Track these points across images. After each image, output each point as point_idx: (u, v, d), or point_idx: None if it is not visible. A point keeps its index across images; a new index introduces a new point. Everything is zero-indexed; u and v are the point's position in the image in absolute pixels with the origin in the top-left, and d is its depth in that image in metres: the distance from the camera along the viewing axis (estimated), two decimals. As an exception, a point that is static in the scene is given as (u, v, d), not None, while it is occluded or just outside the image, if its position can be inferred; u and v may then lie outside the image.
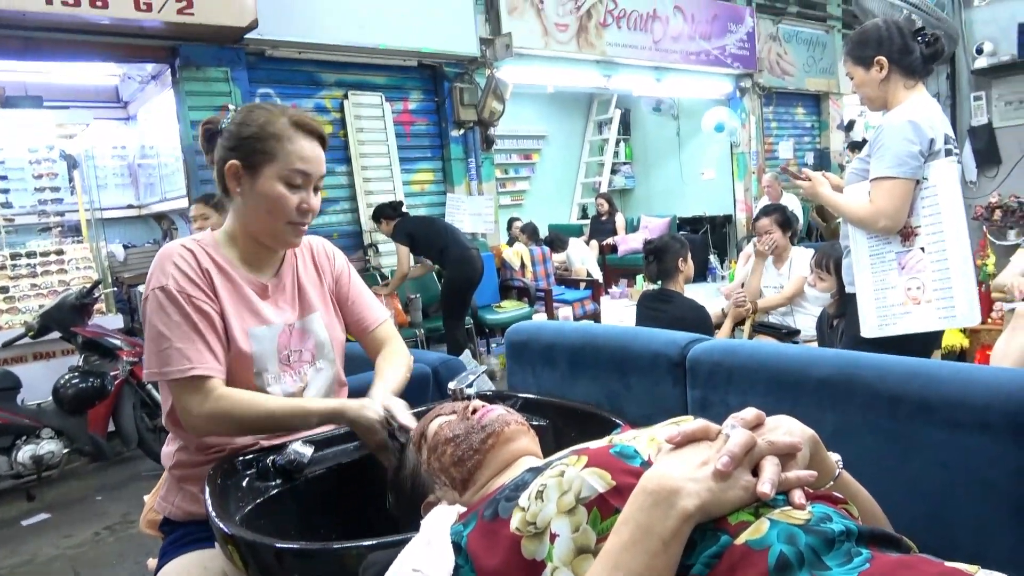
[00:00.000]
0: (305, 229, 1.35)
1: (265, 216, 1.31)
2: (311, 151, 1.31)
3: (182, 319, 1.23)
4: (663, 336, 1.53)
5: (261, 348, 1.33)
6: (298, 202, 1.30)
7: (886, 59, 2.07)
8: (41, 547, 3.10)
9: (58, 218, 4.89)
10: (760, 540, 0.62)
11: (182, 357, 1.21)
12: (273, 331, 1.35)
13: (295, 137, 1.29)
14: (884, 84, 2.10)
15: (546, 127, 9.59)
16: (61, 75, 5.17)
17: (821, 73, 8.67)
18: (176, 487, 1.36)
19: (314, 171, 1.31)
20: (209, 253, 1.32)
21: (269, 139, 1.27)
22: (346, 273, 1.53)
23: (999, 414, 0.98)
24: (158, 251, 1.30)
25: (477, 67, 5.72)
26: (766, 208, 3.77)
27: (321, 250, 1.52)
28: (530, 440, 1.05)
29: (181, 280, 1.25)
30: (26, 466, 3.51)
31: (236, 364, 1.30)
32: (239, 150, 1.28)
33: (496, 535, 0.77)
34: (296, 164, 1.28)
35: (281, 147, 1.28)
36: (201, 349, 1.23)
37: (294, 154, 1.28)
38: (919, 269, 2.01)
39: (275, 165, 1.28)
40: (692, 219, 8.75)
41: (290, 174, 1.28)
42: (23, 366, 4.06)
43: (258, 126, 1.28)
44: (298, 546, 0.99)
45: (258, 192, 1.29)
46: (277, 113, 1.30)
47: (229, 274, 1.33)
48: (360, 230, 5.32)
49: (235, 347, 1.30)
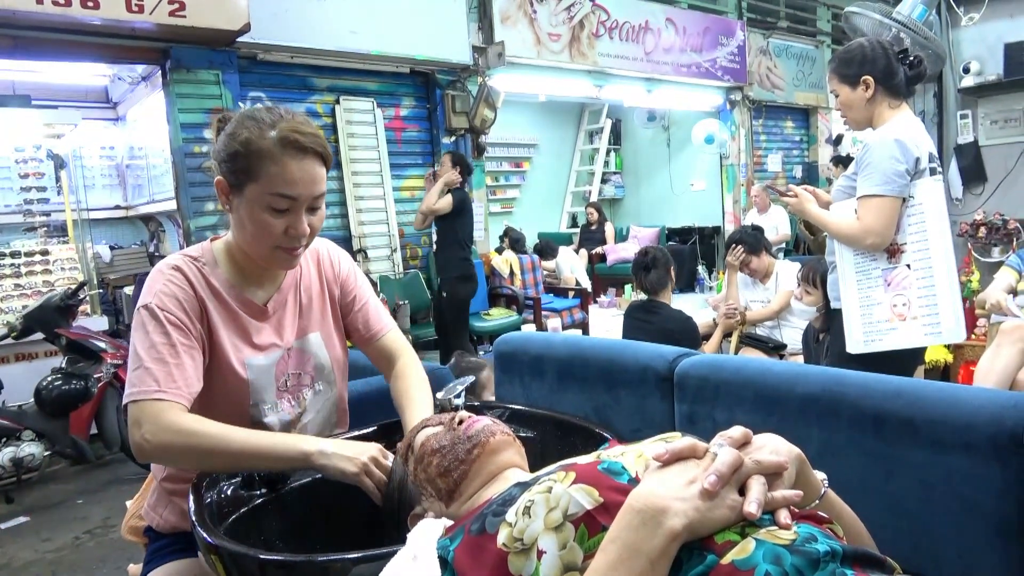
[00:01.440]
0: (299, 253, 1.25)
1: (252, 239, 1.22)
2: (299, 172, 1.16)
3: (161, 340, 1.16)
4: (651, 350, 1.53)
5: (258, 378, 1.27)
6: (284, 227, 1.18)
7: (872, 78, 2.09)
8: (19, 551, 3.06)
9: (44, 218, 4.85)
10: (746, 560, 0.63)
11: (150, 379, 1.13)
12: (271, 359, 1.30)
13: (281, 157, 1.15)
14: (870, 104, 2.12)
15: (537, 136, 9.62)
16: (50, 75, 5.13)
17: (810, 87, 8.75)
18: (166, 499, 1.33)
19: (303, 194, 1.17)
20: (205, 275, 1.25)
21: (252, 157, 1.15)
22: (352, 277, 1.45)
23: (982, 435, 0.99)
24: (153, 266, 1.24)
25: (469, 75, 5.73)
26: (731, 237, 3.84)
27: (327, 256, 1.44)
28: (516, 452, 1.05)
29: (167, 300, 1.19)
30: (6, 468, 3.47)
31: (232, 394, 1.26)
32: (224, 165, 1.19)
33: (483, 550, 0.77)
34: (280, 188, 1.15)
35: (264, 168, 1.15)
36: (172, 372, 1.14)
37: (278, 177, 1.15)
38: (905, 286, 2.03)
39: (258, 187, 1.16)
40: (681, 230, 8.79)
41: (273, 199, 1.16)
42: (5, 367, 4.02)
43: (241, 143, 1.16)
44: (282, 557, 0.98)
45: (244, 214, 1.19)
46: (267, 127, 1.16)
47: (225, 300, 1.26)
48: (350, 235, 5.30)
49: (232, 376, 1.25)
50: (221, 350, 1.24)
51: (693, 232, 8.57)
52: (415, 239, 5.75)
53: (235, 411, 1.27)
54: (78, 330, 3.82)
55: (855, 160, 2.13)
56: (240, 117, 1.20)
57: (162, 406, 1.12)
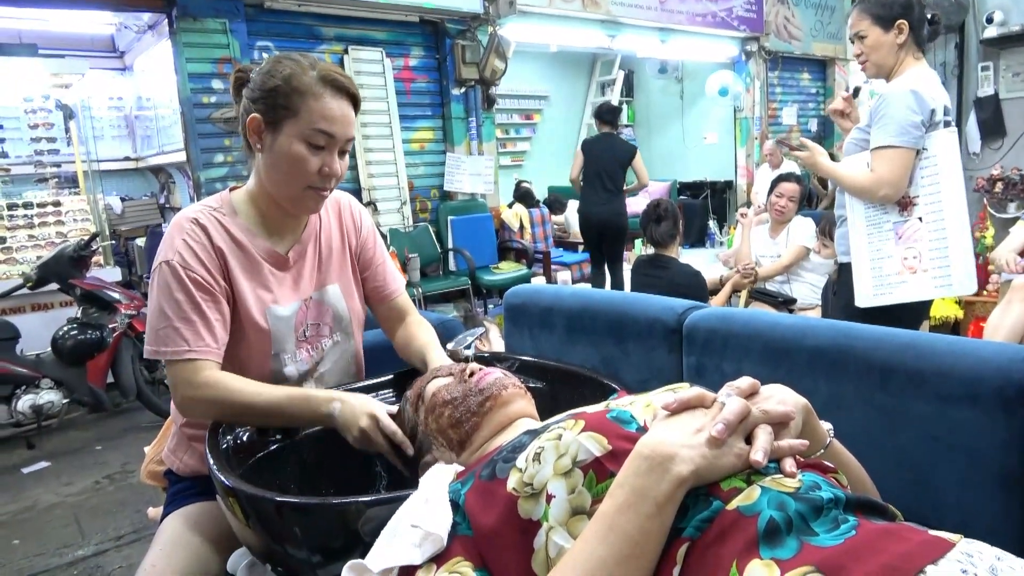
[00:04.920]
0: (327, 195, 1.27)
1: (284, 178, 1.23)
2: (339, 111, 1.20)
3: (184, 298, 1.18)
4: (660, 303, 1.54)
5: (278, 328, 1.29)
6: (319, 165, 1.21)
7: (907, 24, 2.04)
8: (42, 494, 3.15)
9: (55, 169, 4.85)
10: (751, 506, 0.64)
11: (179, 338, 1.17)
12: (291, 309, 1.32)
13: (322, 94, 1.18)
14: (900, 50, 2.07)
15: (548, 87, 9.45)
16: (56, 23, 5.07)
17: (828, 38, 8.52)
18: (186, 444, 1.36)
19: (340, 133, 1.21)
20: (224, 225, 1.26)
21: (293, 94, 1.18)
22: (372, 235, 1.48)
23: (989, 387, 1.00)
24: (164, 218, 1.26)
25: (479, 24, 5.62)
26: (789, 175, 3.71)
27: (348, 209, 1.46)
28: (527, 403, 1.07)
29: (188, 256, 1.20)
30: (26, 415, 3.55)
31: (254, 344, 1.27)
32: (261, 102, 1.19)
33: (493, 494, 0.79)
34: (319, 124, 1.18)
35: (305, 104, 1.18)
36: (200, 331, 1.18)
37: (318, 112, 1.18)
38: (916, 239, 2.01)
39: (297, 123, 1.18)
40: (693, 184, 8.69)
41: (312, 134, 1.19)
42: (22, 316, 4.07)
43: (283, 78, 1.18)
44: (297, 500, 1.01)
45: (278, 151, 1.20)
46: (306, 66, 1.19)
47: (246, 249, 1.27)
48: (359, 188, 5.28)
49: (253, 327, 1.26)
50: (243, 301, 1.26)
51: (705, 186, 8.48)
52: (424, 192, 5.72)
53: (257, 361, 1.29)
54: (92, 281, 3.86)
55: (870, 112, 2.09)
56: (276, 57, 1.23)
57: (195, 365, 1.17)
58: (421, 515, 0.81)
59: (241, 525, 1.03)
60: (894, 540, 0.60)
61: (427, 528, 0.78)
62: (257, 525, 1.00)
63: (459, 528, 0.79)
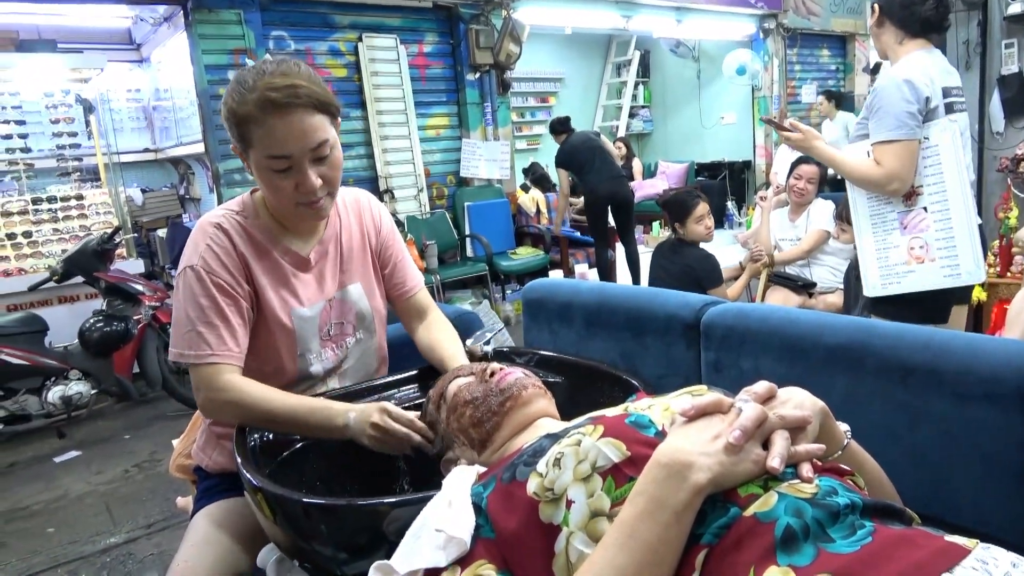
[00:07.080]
0: (321, 204, 1.22)
1: (272, 199, 1.24)
2: (287, 129, 1.12)
3: (208, 303, 1.20)
4: (678, 298, 1.54)
5: (303, 329, 1.31)
6: (293, 185, 1.18)
7: (878, 7, 2.00)
8: (73, 483, 3.23)
9: (76, 162, 4.91)
10: (768, 513, 0.65)
11: (203, 342, 1.19)
12: (315, 310, 1.33)
13: (264, 119, 1.11)
14: (877, 34, 2.04)
15: (563, 69, 9.39)
16: (73, 18, 5.12)
17: (848, 13, 8.37)
18: (214, 442, 1.39)
19: (296, 150, 1.14)
20: (247, 229, 1.27)
21: (241, 125, 1.14)
22: (392, 234, 1.48)
23: (1008, 386, 1.00)
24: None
25: (493, 8, 5.59)
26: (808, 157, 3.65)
27: (368, 208, 1.45)
28: (547, 402, 1.08)
29: (212, 262, 1.22)
30: (56, 405, 3.64)
31: (281, 346, 1.30)
32: (230, 131, 1.19)
33: (514, 498, 0.80)
34: (271, 150, 1.14)
35: (253, 133, 1.13)
36: (223, 335, 1.20)
37: (266, 140, 1.13)
38: (922, 228, 1.99)
39: (256, 151, 1.16)
40: (711, 165, 8.62)
41: (269, 161, 1.15)
42: (49, 309, 4.15)
43: (229, 110, 1.15)
44: (324, 501, 1.03)
45: (257, 176, 1.21)
46: (248, 90, 1.12)
47: (268, 252, 1.28)
48: (376, 176, 5.30)
49: (279, 327, 1.28)
50: (268, 304, 1.28)
51: (723, 167, 8.41)
52: (441, 179, 5.73)
53: (284, 362, 1.31)
54: (116, 273, 3.93)
55: (866, 104, 2.06)
56: (232, 82, 1.17)
57: (216, 369, 1.20)
58: (445, 519, 0.82)
59: (269, 522, 1.06)
60: (910, 547, 0.61)
61: (451, 532, 0.80)
62: (284, 523, 1.03)
63: (482, 531, 0.81)
